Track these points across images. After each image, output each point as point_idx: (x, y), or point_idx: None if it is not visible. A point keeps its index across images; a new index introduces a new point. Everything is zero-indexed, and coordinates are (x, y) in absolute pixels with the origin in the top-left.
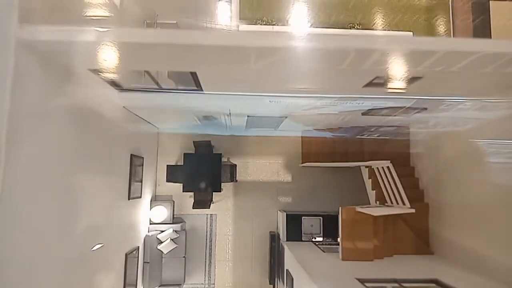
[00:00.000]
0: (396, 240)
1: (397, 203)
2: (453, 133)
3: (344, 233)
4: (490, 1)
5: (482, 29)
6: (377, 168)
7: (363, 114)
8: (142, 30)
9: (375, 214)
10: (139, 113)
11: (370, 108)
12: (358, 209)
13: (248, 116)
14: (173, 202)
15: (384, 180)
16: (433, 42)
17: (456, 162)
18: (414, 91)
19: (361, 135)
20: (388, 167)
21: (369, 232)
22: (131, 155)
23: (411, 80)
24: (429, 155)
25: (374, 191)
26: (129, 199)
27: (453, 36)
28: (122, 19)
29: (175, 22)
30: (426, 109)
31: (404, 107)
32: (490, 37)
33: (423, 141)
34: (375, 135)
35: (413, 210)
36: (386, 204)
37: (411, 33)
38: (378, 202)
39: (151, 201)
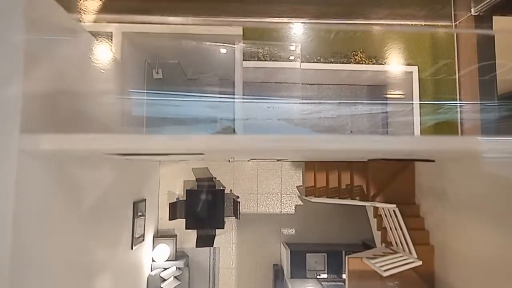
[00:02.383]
0: (402, 285)
1: (403, 250)
2: (458, 178)
3: (351, 285)
4: (492, 17)
5: (486, 45)
6: (383, 209)
7: (369, 160)
8: (147, 137)
9: (385, 275)
10: (141, 157)
11: (376, 158)
12: (365, 260)
13: (252, 158)
14: (176, 236)
15: (390, 223)
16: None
17: (460, 208)
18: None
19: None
20: (394, 211)
21: (376, 281)
22: (134, 202)
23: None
24: (434, 195)
25: (380, 232)
26: (132, 249)
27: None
28: (123, 69)
29: (176, 61)
30: (433, 161)
31: (412, 159)
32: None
33: (427, 180)
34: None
35: (420, 263)
36: (391, 248)
37: (416, 67)
38: (383, 244)
39: (153, 237)
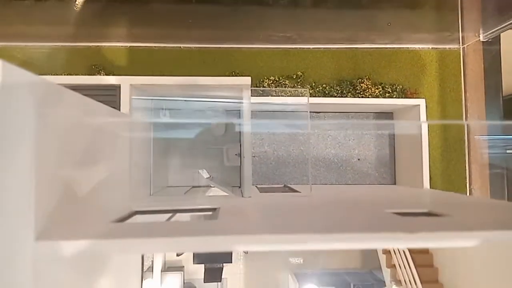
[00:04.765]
0: None
1: None
2: None
3: None
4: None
5: (493, 67)
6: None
7: None
8: (162, 240)
9: None
10: None
11: None
12: None
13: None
14: (183, 268)
15: (399, 261)
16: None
17: (470, 249)
18: None
19: None
20: (404, 251)
21: None
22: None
23: None
24: None
25: (389, 269)
26: None
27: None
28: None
29: (183, 100)
30: None
31: None
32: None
33: None
34: None
35: None
36: None
37: (424, 99)
38: (393, 283)
39: (161, 271)
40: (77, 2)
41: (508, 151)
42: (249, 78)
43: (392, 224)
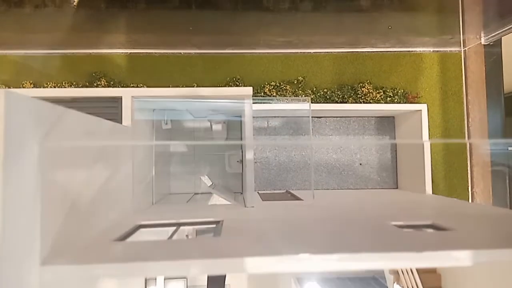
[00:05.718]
0: None
1: None
2: None
3: None
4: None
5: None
6: None
7: None
8: (166, 263)
9: None
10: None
11: None
12: None
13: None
14: (186, 276)
15: (402, 268)
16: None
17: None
18: None
19: None
20: None
21: None
22: None
23: None
24: None
25: (392, 275)
26: None
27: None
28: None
29: (185, 109)
30: None
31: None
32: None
33: None
34: None
35: None
36: None
37: (425, 105)
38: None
39: (164, 278)
40: (74, 4)
41: (509, 148)
42: (251, 88)
43: (398, 241)
